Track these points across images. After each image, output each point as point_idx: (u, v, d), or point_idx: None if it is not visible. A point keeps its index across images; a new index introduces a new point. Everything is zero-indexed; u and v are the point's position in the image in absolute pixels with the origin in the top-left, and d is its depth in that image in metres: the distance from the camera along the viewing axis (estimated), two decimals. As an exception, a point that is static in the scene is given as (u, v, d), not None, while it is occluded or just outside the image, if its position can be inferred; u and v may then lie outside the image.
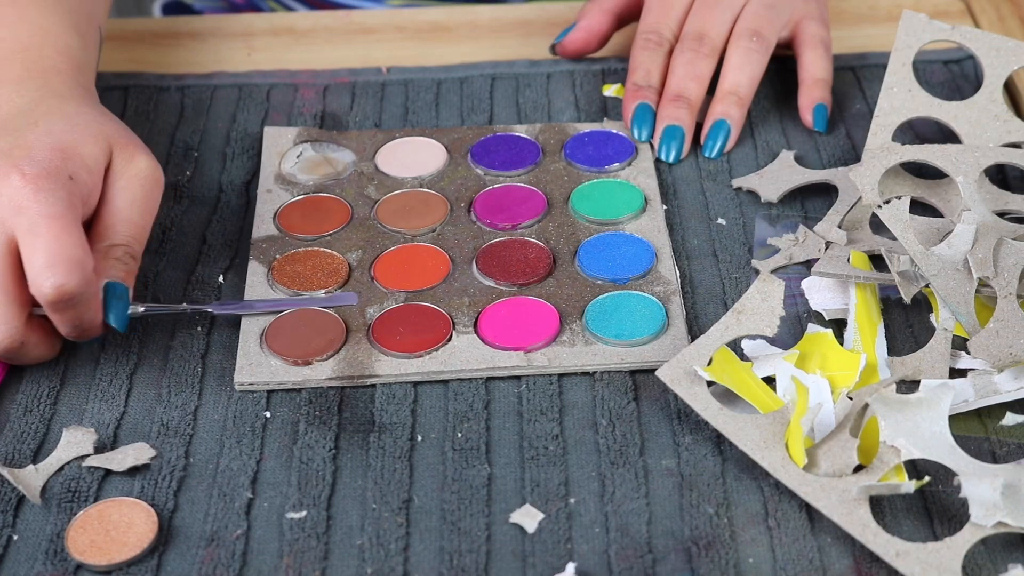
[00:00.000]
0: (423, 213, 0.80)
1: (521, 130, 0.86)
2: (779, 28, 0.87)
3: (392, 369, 0.70)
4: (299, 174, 0.83)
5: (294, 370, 0.70)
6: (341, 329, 0.72)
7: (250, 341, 0.72)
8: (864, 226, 0.77)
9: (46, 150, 0.69)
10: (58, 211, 0.67)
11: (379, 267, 0.76)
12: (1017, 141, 0.80)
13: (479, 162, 0.84)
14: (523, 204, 0.80)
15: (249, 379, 0.70)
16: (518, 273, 0.75)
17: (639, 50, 0.87)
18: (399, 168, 0.84)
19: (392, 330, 0.72)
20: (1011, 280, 0.70)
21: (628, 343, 0.71)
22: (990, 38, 0.82)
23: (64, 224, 0.66)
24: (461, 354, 0.71)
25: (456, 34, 0.98)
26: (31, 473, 0.66)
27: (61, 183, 0.68)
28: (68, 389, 0.70)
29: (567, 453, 0.67)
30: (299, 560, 0.62)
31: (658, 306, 0.73)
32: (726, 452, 0.66)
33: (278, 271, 0.76)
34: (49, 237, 0.66)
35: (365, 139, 0.86)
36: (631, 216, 0.79)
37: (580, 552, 0.62)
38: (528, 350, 0.71)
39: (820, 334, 0.71)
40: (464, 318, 0.73)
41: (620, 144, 0.85)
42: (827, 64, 0.87)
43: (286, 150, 0.85)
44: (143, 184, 0.72)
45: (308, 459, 0.66)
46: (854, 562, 0.61)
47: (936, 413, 0.64)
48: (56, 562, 0.62)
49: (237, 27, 0.99)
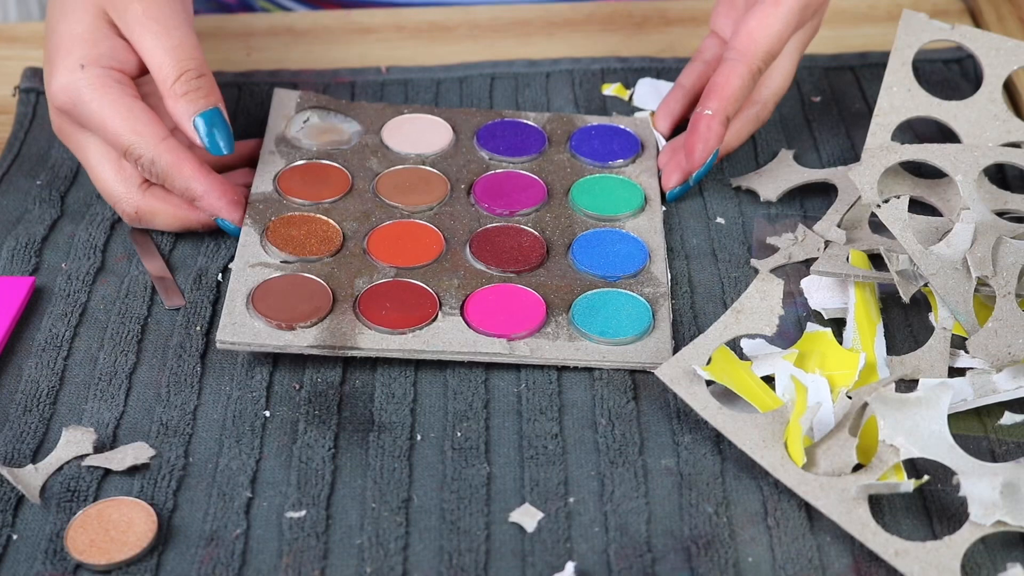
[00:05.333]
0: (423, 191, 0.80)
1: (530, 118, 0.86)
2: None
3: (374, 343, 0.70)
4: (304, 139, 0.83)
5: (277, 334, 0.70)
6: (328, 297, 0.72)
7: (236, 300, 0.72)
8: (863, 225, 0.77)
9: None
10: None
11: (373, 240, 0.76)
12: (1016, 141, 0.80)
13: (484, 146, 0.84)
14: (523, 192, 0.80)
15: (231, 338, 0.70)
16: (510, 260, 0.75)
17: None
18: (404, 144, 0.83)
19: (379, 304, 0.72)
20: (1010, 279, 0.70)
21: (612, 341, 0.71)
22: (990, 38, 0.83)
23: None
24: (445, 335, 0.71)
25: (455, 34, 0.98)
26: (31, 473, 0.66)
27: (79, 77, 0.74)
28: (67, 388, 0.70)
29: (566, 452, 0.67)
30: (299, 559, 0.62)
31: (645, 307, 0.73)
32: (725, 451, 0.66)
33: (272, 232, 0.76)
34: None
35: (373, 112, 0.86)
36: (629, 214, 0.79)
37: (579, 551, 0.62)
38: (512, 338, 0.71)
39: (819, 333, 0.71)
40: (452, 300, 0.73)
41: (626, 140, 0.85)
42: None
43: (293, 114, 0.84)
44: (158, 16, 0.75)
45: (307, 458, 0.66)
46: (853, 561, 0.61)
47: (935, 412, 0.64)
48: (56, 562, 0.62)
49: (237, 27, 0.99)
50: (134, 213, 0.77)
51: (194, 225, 0.78)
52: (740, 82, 0.79)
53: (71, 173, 0.84)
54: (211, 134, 0.75)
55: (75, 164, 0.84)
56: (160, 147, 0.75)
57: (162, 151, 0.75)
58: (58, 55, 0.76)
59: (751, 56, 0.79)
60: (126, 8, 0.76)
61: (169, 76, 0.75)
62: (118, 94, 0.75)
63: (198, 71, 0.76)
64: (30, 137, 0.88)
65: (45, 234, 0.80)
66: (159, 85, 0.76)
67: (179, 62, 0.75)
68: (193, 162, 0.76)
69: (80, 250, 0.78)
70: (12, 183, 0.84)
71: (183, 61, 0.75)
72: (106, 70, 0.75)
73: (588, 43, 0.97)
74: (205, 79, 0.76)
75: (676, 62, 0.93)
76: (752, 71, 0.79)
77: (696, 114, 0.79)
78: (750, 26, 0.79)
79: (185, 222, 0.78)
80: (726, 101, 0.78)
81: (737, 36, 0.79)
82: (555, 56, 0.95)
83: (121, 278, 0.77)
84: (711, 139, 0.78)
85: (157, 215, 0.77)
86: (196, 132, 0.75)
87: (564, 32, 0.98)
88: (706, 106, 0.79)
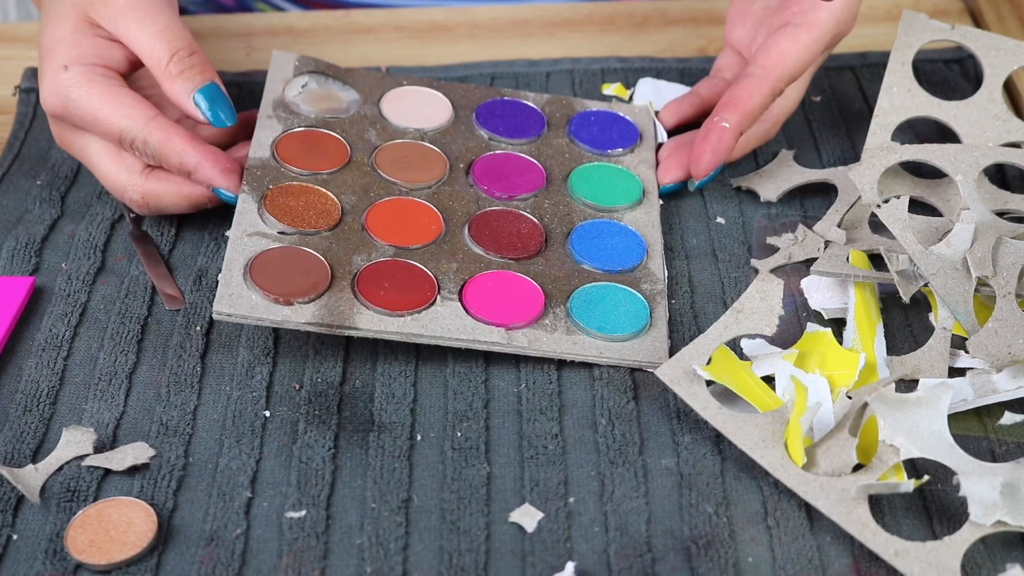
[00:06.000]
0: (422, 167, 0.80)
1: (529, 98, 0.86)
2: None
3: (372, 324, 0.70)
4: (302, 104, 0.83)
5: (274, 308, 0.70)
6: (326, 273, 0.72)
7: (234, 270, 0.71)
8: (863, 225, 0.77)
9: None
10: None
11: (372, 216, 0.76)
12: (1016, 141, 0.80)
13: (483, 124, 0.83)
14: (522, 175, 0.80)
15: (228, 309, 0.69)
16: (509, 247, 0.75)
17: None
18: (403, 117, 0.83)
19: (377, 284, 0.72)
20: (1010, 279, 0.70)
21: (608, 337, 0.71)
22: (990, 38, 0.83)
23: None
24: (443, 321, 0.71)
25: (455, 34, 0.98)
26: (31, 473, 0.66)
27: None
28: (67, 388, 0.70)
29: (566, 452, 0.67)
30: (298, 559, 0.62)
31: (643, 304, 0.73)
32: (725, 451, 0.66)
33: (270, 201, 0.75)
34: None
35: (372, 81, 0.85)
36: (627, 206, 0.79)
37: (579, 551, 0.62)
38: (510, 327, 0.71)
39: (819, 333, 0.71)
40: (450, 284, 0.73)
41: (625, 129, 0.84)
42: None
43: (291, 77, 0.84)
44: (140, 5, 0.76)
45: (307, 458, 0.66)
46: (853, 561, 0.61)
47: (935, 412, 0.64)
48: (55, 562, 0.62)
49: (237, 27, 0.99)
50: (141, 199, 0.78)
51: (201, 200, 0.78)
52: (761, 100, 0.78)
53: (71, 173, 0.84)
54: (213, 108, 0.76)
55: (75, 164, 0.84)
56: (150, 126, 0.75)
57: (152, 129, 0.75)
58: (44, 62, 0.77)
59: (776, 76, 0.79)
60: (107, 4, 0.76)
61: (162, 59, 0.76)
62: (104, 85, 0.75)
63: (189, 49, 0.76)
64: (30, 137, 0.88)
65: (45, 234, 0.80)
66: (153, 70, 0.76)
67: (169, 43, 0.76)
68: (183, 135, 0.76)
69: (80, 250, 0.78)
70: (12, 183, 0.84)
71: (172, 42, 0.76)
72: (89, 67, 0.76)
73: (588, 43, 0.97)
74: (197, 56, 0.76)
75: (676, 62, 0.93)
76: (774, 91, 0.79)
77: (712, 122, 0.79)
78: (782, 46, 0.79)
79: (192, 199, 0.78)
80: (744, 116, 0.78)
81: (766, 53, 0.79)
82: (555, 56, 0.95)
83: (121, 278, 0.77)
84: (721, 151, 0.78)
85: (163, 196, 0.77)
86: (198, 108, 0.76)
87: (564, 32, 0.98)
88: (724, 117, 0.78)
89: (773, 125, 0.83)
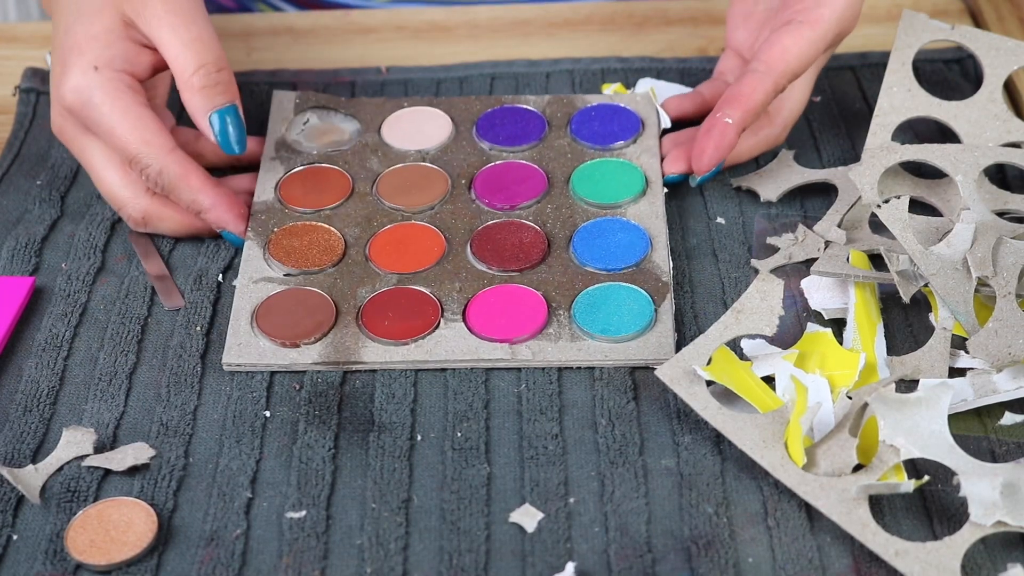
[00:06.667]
0: (423, 188, 0.80)
1: (529, 102, 0.86)
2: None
3: (378, 356, 0.70)
4: (304, 142, 0.83)
5: (282, 352, 0.70)
6: (331, 311, 0.72)
7: (241, 319, 0.72)
8: (863, 225, 0.77)
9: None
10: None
11: (374, 246, 0.76)
12: (1017, 141, 0.80)
13: (484, 136, 0.83)
14: (523, 183, 0.80)
15: (237, 360, 0.70)
16: (511, 259, 0.75)
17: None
18: (403, 140, 0.83)
19: (381, 314, 0.72)
20: (1010, 279, 0.70)
21: (614, 339, 0.71)
22: (990, 38, 0.82)
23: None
24: (447, 344, 0.71)
25: (455, 34, 0.98)
26: (31, 473, 0.66)
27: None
28: (68, 389, 0.71)
29: (567, 452, 0.67)
30: (299, 560, 0.62)
31: (647, 300, 0.73)
32: (725, 451, 0.66)
33: (274, 245, 0.76)
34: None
35: (372, 108, 0.86)
36: (630, 200, 0.79)
37: (579, 552, 0.62)
38: (514, 342, 0.71)
39: (819, 333, 0.71)
40: (453, 304, 0.73)
41: (627, 119, 0.84)
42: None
43: (292, 116, 0.84)
44: (178, 10, 0.75)
45: (308, 459, 0.66)
46: (853, 561, 0.61)
47: (935, 412, 0.64)
48: (56, 562, 0.62)
49: (237, 27, 0.99)
50: (141, 218, 0.77)
51: (202, 231, 0.78)
52: (763, 97, 0.78)
53: (71, 173, 0.84)
54: (224, 132, 0.75)
55: (75, 164, 0.84)
56: (168, 159, 0.74)
57: (170, 162, 0.74)
58: (71, 55, 0.75)
59: (779, 72, 0.78)
60: (145, 4, 0.75)
61: (187, 68, 0.75)
62: (130, 102, 0.75)
63: (217, 65, 0.75)
64: (30, 137, 0.88)
65: (45, 234, 0.80)
66: (176, 77, 0.75)
67: (198, 55, 0.75)
68: (200, 175, 0.75)
69: (80, 250, 0.78)
70: (12, 183, 0.84)
71: (202, 54, 0.75)
72: (119, 74, 0.75)
73: (588, 43, 0.97)
74: (224, 74, 0.76)
75: (676, 62, 0.93)
76: (777, 87, 0.79)
77: (715, 118, 0.78)
78: (784, 43, 0.78)
79: (193, 228, 0.78)
80: (747, 112, 0.78)
81: (769, 50, 0.79)
82: (555, 56, 0.95)
83: (121, 278, 0.77)
84: (723, 147, 0.78)
85: (164, 220, 0.77)
86: (210, 128, 0.75)
87: (564, 32, 0.98)
88: (727, 113, 0.78)
89: (783, 130, 0.83)
